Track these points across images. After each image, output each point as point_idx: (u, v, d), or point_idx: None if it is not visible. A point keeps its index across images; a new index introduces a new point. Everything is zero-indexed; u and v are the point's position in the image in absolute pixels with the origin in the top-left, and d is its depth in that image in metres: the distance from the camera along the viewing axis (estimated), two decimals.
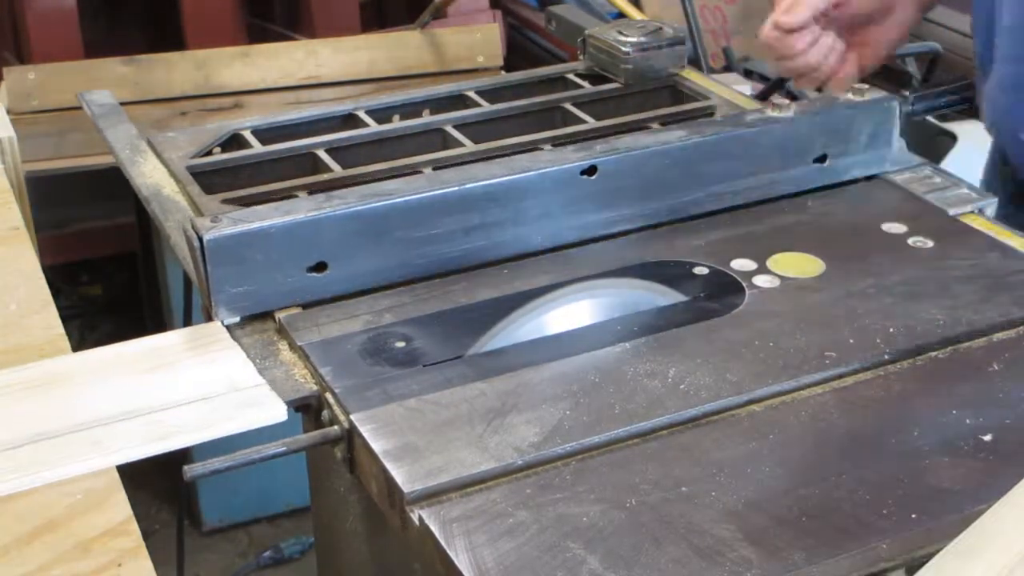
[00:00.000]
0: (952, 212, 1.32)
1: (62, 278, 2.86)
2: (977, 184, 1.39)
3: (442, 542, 0.86)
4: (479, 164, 1.28)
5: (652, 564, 0.84)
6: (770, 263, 1.22)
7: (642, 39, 1.57)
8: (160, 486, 2.41)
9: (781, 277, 1.20)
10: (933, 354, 1.08)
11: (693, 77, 1.61)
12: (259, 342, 1.13)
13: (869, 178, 1.40)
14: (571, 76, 1.62)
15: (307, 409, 1.07)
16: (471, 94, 1.56)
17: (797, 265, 1.22)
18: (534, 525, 0.88)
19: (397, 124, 1.49)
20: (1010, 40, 1.38)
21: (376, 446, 0.96)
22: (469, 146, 1.42)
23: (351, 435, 1.00)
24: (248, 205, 1.26)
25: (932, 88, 1.47)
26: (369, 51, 2.58)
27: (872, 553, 0.84)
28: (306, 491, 1.40)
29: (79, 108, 1.59)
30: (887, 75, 2.72)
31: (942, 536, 0.86)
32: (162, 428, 1.00)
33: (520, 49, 3.17)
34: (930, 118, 2.34)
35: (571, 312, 1.15)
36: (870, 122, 1.38)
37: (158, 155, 1.42)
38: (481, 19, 2.93)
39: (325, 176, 1.36)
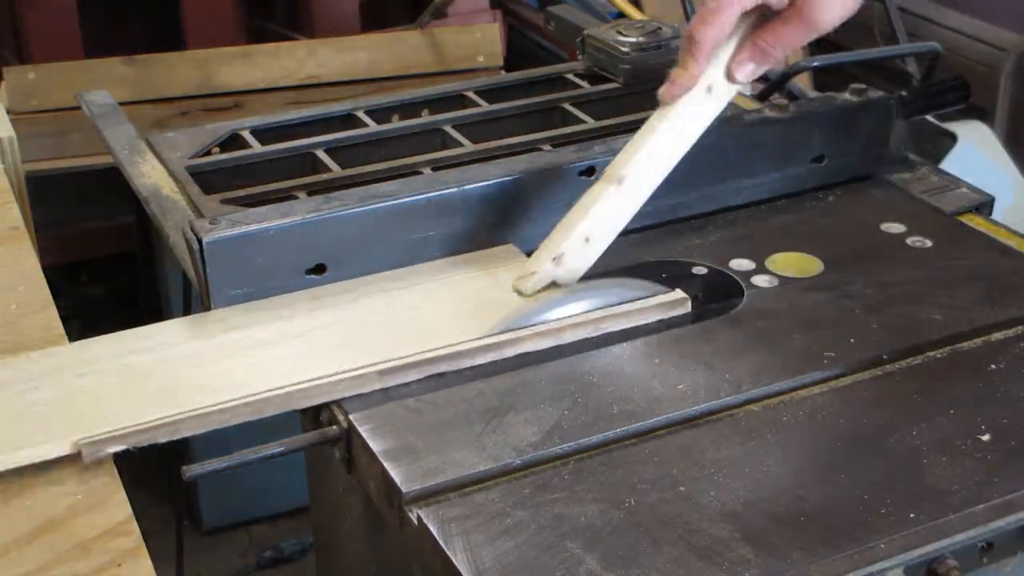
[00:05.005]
0: (951, 212, 1.32)
1: (62, 278, 2.85)
2: (978, 183, 1.39)
3: (440, 542, 0.86)
4: (478, 164, 1.28)
5: (650, 564, 0.84)
6: (769, 263, 1.22)
7: (641, 39, 1.57)
8: (160, 486, 2.41)
9: (780, 277, 1.20)
10: (932, 354, 1.08)
11: None
12: None
13: (867, 178, 1.40)
14: (570, 76, 1.62)
15: (306, 409, 1.07)
16: (470, 94, 1.56)
17: (796, 265, 1.22)
18: (532, 525, 0.88)
19: (396, 124, 1.49)
20: None
21: (374, 446, 0.96)
22: (468, 146, 1.42)
23: (350, 435, 1.00)
24: (247, 205, 1.26)
25: (931, 88, 1.46)
26: (369, 51, 2.57)
27: (870, 553, 0.85)
28: (306, 491, 1.40)
29: (79, 108, 1.59)
30: (887, 75, 2.72)
31: (940, 536, 0.86)
32: None
33: (520, 49, 3.16)
34: (930, 118, 2.34)
35: (570, 312, 1.15)
36: (868, 122, 1.38)
37: (157, 155, 1.42)
38: (481, 19, 2.92)
39: (324, 176, 1.36)
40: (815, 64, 2.59)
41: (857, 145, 1.38)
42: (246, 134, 1.45)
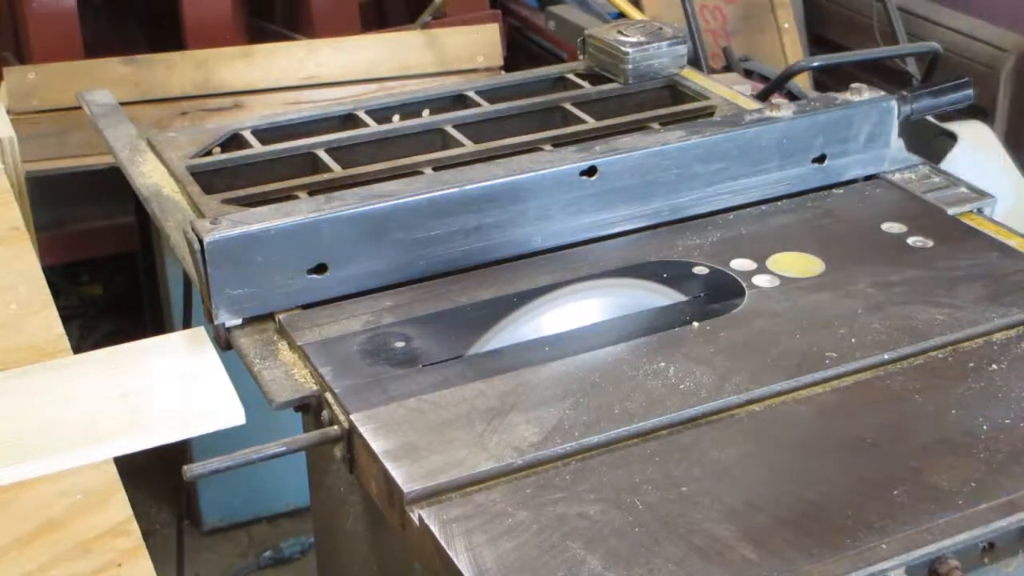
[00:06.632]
0: (952, 212, 1.32)
1: (62, 278, 2.85)
2: (978, 183, 1.39)
3: (442, 542, 0.86)
4: (479, 165, 1.28)
5: (652, 564, 0.84)
6: (770, 263, 1.22)
7: (642, 39, 1.57)
8: (160, 486, 2.41)
9: (781, 277, 1.20)
10: (933, 354, 1.08)
11: (693, 77, 1.61)
12: (259, 342, 1.13)
13: (868, 178, 1.40)
14: (571, 76, 1.62)
15: (307, 409, 1.07)
16: (471, 94, 1.56)
17: (797, 265, 1.22)
18: (534, 525, 0.88)
19: (397, 124, 1.49)
20: None
21: (376, 446, 0.96)
22: (469, 146, 1.42)
23: (351, 435, 1.00)
24: (248, 205, 1.26)
25: (931, 88, 1.46)
26: (369, 51, 2.57)
27: (872, 552, 0.84)
28: (306, 491, 1.40)
29: (79, 108, 1.59)
30: (887, 75, 2.72)
31: (942, 536, 0.86)
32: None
33: (520, 49, 3.16)
34: (930, 118, 2.34)
35: (571, 312, 1.15)
36: (868, 122, 1.38)
37: (158, 155, 1.42)
38: (481, 19, 2.92)
39: (325, 176, 1.36)
40: (815, 64, 2.60)
41: (858, 145, 1.38)
42: (247, 134, 1.45)
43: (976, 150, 2.43)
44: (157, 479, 2.32)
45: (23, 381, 1.08)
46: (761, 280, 1.20)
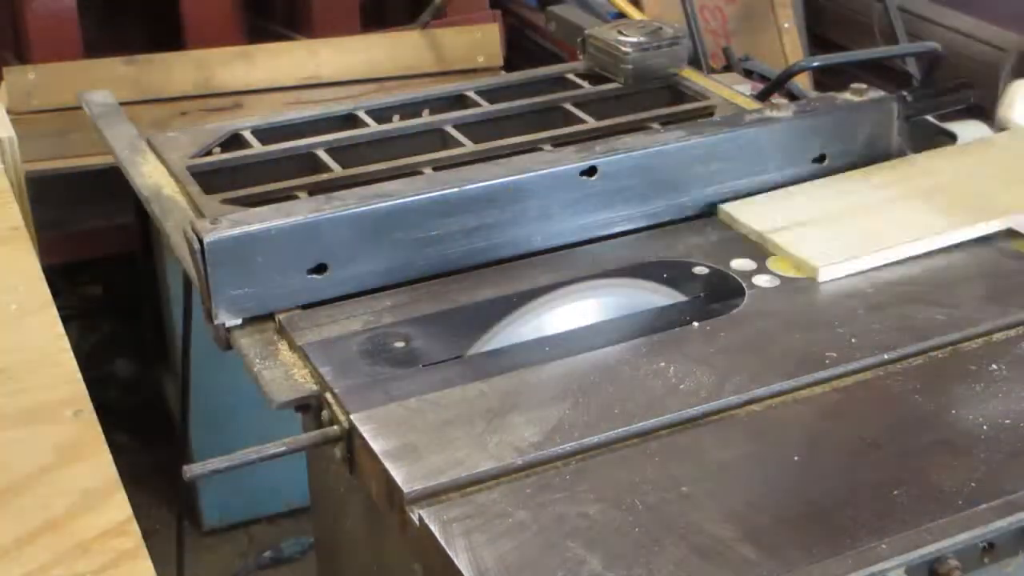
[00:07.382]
0: None
1: (62, 278, 2.85)
2: None
3: (442, 542, 0.86)
4: (479, 164, 1.28)
5: (652, 564, 0.84)
6: (770, 263, 1.22)
7: (642, 39, 1.57)
8: (160, 486, 2.41)
9: (781, 277, 1.20)
10: (933, 354, 1.08)
11: (693, 77, 1.61)
12: (259, 342, 1.13)
13: None
14: (571, 76, 1.62)
15: (307, 409, 1.07)
16: (471, 94, 1.56)
17: (797, 265, 1.22)
18: (534, 525, 0.88)
19: (397, 124, 1.49)
20: None
21: (376, 446, 0.96)
22: (469, 146, 1.42)
23: (351, 435, 1.00)
24: (248, 205, 1.26)
25: (931, 88, 1.46)
26: (369, 51, 2.57)
27: (872, 553, 0.84)
28: (306, 491, 1.40)
29: (79, 108, 1.59)
30: (887, 75, 2.72)
31: (942, 536, 0.86)
32: None
33: (520, 49, 3.16)
34: (930, 118, 2.34)
35: (571, 312, 1.15)
36: (868, 122, 1.38)
37: (158, 155, 1.42)
38: (481, 19, 2.92)
39: (325, 176, 1.36)
40: (815, 64, 2.60)
41: (858, 145, 1.38)
42: (247, 134, 1.45)
43: None
44: (157, 479, 2.32)
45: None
46: (761, 280, 1.20)
